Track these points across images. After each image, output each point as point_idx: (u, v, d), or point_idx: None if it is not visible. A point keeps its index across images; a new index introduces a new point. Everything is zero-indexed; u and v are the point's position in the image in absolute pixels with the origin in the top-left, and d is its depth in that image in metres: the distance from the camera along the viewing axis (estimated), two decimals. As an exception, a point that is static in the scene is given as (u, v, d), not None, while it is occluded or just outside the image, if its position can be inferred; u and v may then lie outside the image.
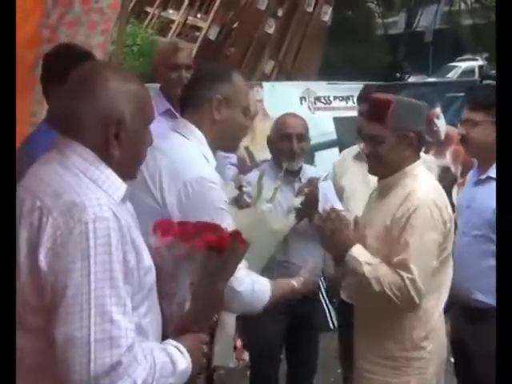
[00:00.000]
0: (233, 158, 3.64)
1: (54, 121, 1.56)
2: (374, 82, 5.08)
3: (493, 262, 2.46)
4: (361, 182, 2.86)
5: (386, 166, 2.19)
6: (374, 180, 2.32)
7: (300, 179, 2.93)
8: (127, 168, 1.46)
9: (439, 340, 2.18)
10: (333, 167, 3.22)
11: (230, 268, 1.62)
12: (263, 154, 3.80)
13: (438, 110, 4.64)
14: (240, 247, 1.61)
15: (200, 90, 1.99)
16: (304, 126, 2.94)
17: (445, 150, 4.67)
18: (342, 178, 3.09)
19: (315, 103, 4.54)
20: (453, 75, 18.39)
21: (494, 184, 2.53)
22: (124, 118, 1.41)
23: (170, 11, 8.63)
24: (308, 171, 2.99)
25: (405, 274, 2.04)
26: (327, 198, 2.81)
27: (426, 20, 13.34)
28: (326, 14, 6.80)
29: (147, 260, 1.41)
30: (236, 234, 1.62)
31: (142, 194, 1.85)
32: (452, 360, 2.77)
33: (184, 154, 1.91)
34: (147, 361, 1.32)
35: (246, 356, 3.30)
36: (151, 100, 1.53)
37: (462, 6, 10.95)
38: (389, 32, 13.00)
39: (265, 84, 4.70)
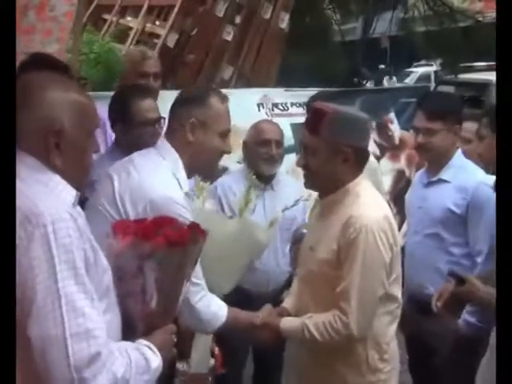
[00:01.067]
0: None
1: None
2: (331, 89, 5.17)
3: (444, 257, 2.60)
4: None
5: (319, 180, 2.06)
6: None
7: (272, 187, 2.98)
8: (72, 176, 1.49)
9: (395, 359, 2.13)
10: None
11: (192, 259, 1.68)
12: (222, 160, 3.82)
13: (392, 115, 4.78)
14: (200, 238, 1.66)
15: (176, 113, 2.00)
16: (281, 133, 3.04)
17: (399, 154, 4.81)
18: None
19: (273, 110, 4.60)
20: (410, 80, 18.80)
21: (444, 185, 2.70)
22: (63, 128, 1.44)
23: (128, 18, 8.57)
24: (281, 179, 3.01)
25: (343, 305, 1.94)
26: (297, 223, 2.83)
27: (383, 26, 13.60)
28: (284, 21, 6.87)
29: (104, 259, 1.45)
30: (194, 226, 1.67)
31: (108, 203, 1.87)
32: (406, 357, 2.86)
33: (156, 173, 1.93)
34: (123, 356, 1.37)
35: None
36: (94, 108, 1.55)
37: (416, 13, 11.20)
38: (346, 38, 13.21)
39: (223, 91, 4.73)
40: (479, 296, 2.07)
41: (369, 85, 12.44)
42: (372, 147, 5.03)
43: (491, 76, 9.13)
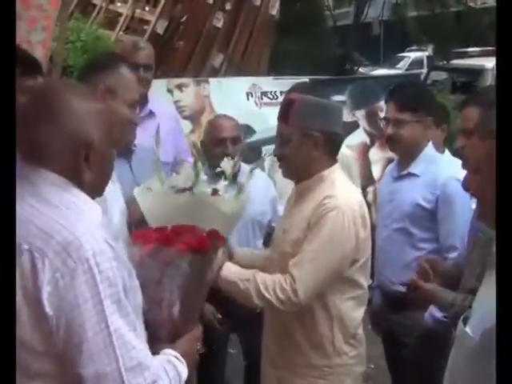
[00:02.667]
0: (188, 162, 3.60)
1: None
2: (320, 77, 5.14)
3: (413, 253, 2.59)
4: None
5: (294, 167, 2.11)
6: None
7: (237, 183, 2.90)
8: (97, 188, 1.44)
9: (362, 345, 2.16)
10: None
11: (212, 265, 1.70)
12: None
13: (382, 103, 4.75)
14: (220, 244, 1.70)
15: (86, 81, 1.96)
16: (237, 127, 2.90)
17: (389, 142, 4.76)
18: None
19: (262, 98, 4.58)
20: (403, 65, 18.77)
21: (414, 179, 2.67)
22: (93, 140, 1.37)
23: (118, 4, 8.49)
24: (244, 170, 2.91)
25: (293, 271, 1.95)
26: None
27: (375, 11, 13.53)
28: (274, 8, 6.82)
29: (136, 280, 1.41)
30: (213, 232, 1.67)
31: None
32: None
33: None
34: (168, 376, 1.38)
35: None
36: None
37: (408, -2, 11.18)
38: (338, 23, 13.14)
39: (211, 80, 4.72)
40: (435, 300, 2.10)
41: (361, 70, 12.41)
42: (362, 136, 5.03)
43: (484, 62, 9.12)
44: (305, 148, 2.06)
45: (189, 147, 3.85)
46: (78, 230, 1.29)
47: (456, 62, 10.93)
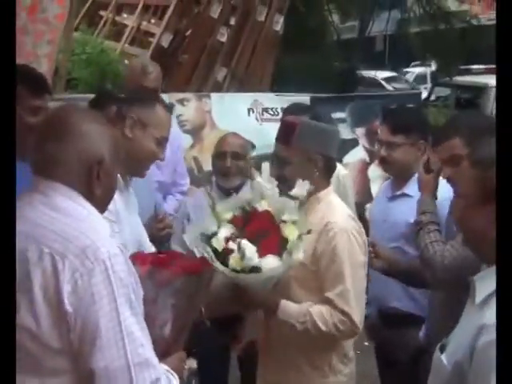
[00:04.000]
0: (184, 185, 3.64)
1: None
2: (320, 95, 5.19)
3: None
4: None
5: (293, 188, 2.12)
6: None
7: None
8: (104, 203, 1.55)
9: (352, 362, 2.21)
10: None
11: (205, 287, 1.78)
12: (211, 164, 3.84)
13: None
14: (210, 267, 1.80)
15: (121, 108, 2.08)
16: (241, 145, 2.94)
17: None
18: None
19: (263, 114, 4.62)
20: (409, 78, 18.87)
21: (407, 200, 2.69)
22: (104, 158, 1.49)
23: (124, 15, 8.59)
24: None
25: (345, 307, 2.02)
26: None
27: (379, 26, 13.62)
28: (278, 24, 6.89)
29: (140, 288, 1.51)
30: (203, 258, 1.81)
31: None
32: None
33: None
34: (168, 379, 1.46)
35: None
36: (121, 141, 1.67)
37: (412, 14, 11.21)
38: (343, 37, 13.22)
39: (213, 95, 4.76)
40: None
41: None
42: (362, 153, 5.07)
43: (488, 79, 9.14)
44: (305, 170, 2.11)
45: (186, 168, 3.87)
46: (94, 236, 1.40)
47: (460, 78, 10.95)
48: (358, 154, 4.85)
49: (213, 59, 6.80)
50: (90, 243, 1.38)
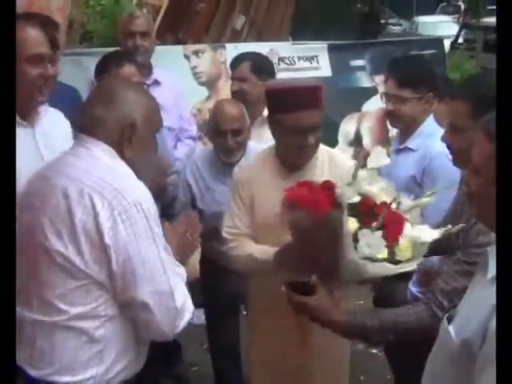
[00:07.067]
0: (191, 130, 3.62)
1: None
2: (339, 42, 5.06)
3: None
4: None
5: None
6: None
7: None
8: (134, 169, 1.71)
9: None
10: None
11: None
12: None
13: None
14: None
15: None
16: (240, 117, 2.80)
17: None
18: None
19: (279, 64, 4.53)
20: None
21: (409, 153, 2.65)
22: (136, 124, 1.69)
23: (142, -36, 8.40)
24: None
25: None
26: None
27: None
28: (297, -32, 6.66)
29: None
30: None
31: None
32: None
33: None
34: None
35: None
36: (160, 112, 1.81)
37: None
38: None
39: (228, 45, 4.68)
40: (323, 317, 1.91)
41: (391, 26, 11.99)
42: (381, 102, 4.96)
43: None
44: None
45: (192, 116, 3.86)
46: (129, 182, 1.64)
47: (487, 20, 10.56)
48: (377, 103, 4.77)
49: (231, 7, 6.64)
50: (126, 186, 1.60)
